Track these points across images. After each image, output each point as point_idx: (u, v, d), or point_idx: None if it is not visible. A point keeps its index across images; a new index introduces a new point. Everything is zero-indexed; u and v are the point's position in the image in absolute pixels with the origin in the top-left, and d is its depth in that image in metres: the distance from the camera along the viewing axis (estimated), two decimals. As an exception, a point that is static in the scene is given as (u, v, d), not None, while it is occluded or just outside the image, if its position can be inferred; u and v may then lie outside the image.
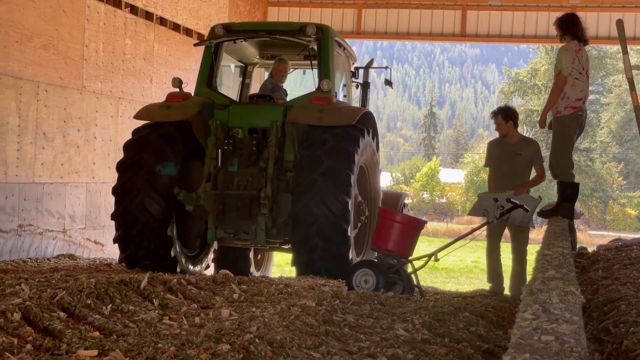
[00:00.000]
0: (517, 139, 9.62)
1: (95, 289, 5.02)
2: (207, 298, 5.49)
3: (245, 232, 9.62)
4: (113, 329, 4.23)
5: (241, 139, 9.82)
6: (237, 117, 9.95)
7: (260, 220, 9.51)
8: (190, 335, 4.07)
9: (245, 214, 9.57)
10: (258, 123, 9.89)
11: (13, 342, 3.69)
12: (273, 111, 9.92)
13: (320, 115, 9.43)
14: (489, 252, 9.76)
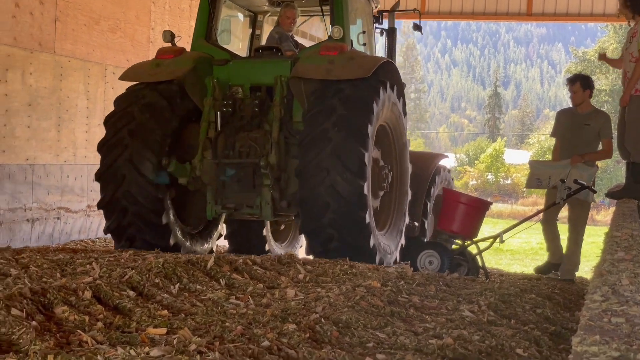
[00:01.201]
0: (589, 109, 9.12)
1: (163, 268, 5.10)
2: (272, 278, 5.53)
3: (249, 206, 8.49)
4: (181, 308, 4.29)
5: (242, 99, 8.65)
6: (237, 73, 8.78)
7: (265, 192, 8.35)
8: (257, 314, 4.10)
9: (248, 186, 8.48)
10: (261, 79, 8.71)
11: (84, 319, 3.77)
12: (278, 65, 8.69)
13: (329, 68, 8.20)
14: (546, 226, 9.07)
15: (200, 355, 3.02)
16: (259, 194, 8.40)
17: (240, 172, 8.44)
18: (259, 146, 8.43)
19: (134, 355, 3.06)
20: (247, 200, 8.46)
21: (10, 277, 4.77)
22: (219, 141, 8.50)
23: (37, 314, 3.77)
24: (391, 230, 9.00)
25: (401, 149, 9.31)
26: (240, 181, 8.45)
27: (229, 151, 8.48)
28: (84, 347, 3.31)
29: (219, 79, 8.67)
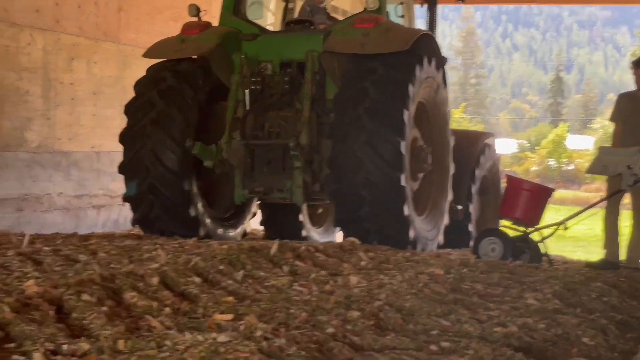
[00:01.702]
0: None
1: (227, 255, 5.16)
2: (335, 265, 5.56)
3: (279, 190, 7.98)
4: (246, 294, 4.34)
5: (272, 76, 8.14)
6: (267, 49, 8.26)
7: (296, 176, 7.82)
8: (321, 301, 4.13)
9: (278, 168, 7.98)
10: (292, 55, 8.17)
11: (153, 305, 3.84)
12: (309, 39, 8.15)
13: (363, 41, 7.63)
14: (608, 216, 8.91)
15: (266, 341, 3.05)
16: (289, 177, 7.91)
17: (270, 153, 8.01)
18: (289, 126, 8.00)
19: (201, 341, 3.11)
20: (277, 184, 7.99)
21: (79, 263, 4.87)
22: (247, 121, 8.05)
23: (107, 299, 3.85)
24: (432, 213, 8.57)
25: (441, 125, 8.77)
26: (270, 163, 8.02)
27: (257, 132, 8.07)
28: (153, 332, 3.37)
29: (247, 55, 8.17)
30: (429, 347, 3.42)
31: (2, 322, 3.31)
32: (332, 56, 7.82)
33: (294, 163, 7.76)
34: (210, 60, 8.06)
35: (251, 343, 2.97)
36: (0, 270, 4.44)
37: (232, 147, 7.93)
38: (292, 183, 7.87)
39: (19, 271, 4.41)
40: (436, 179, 8.64)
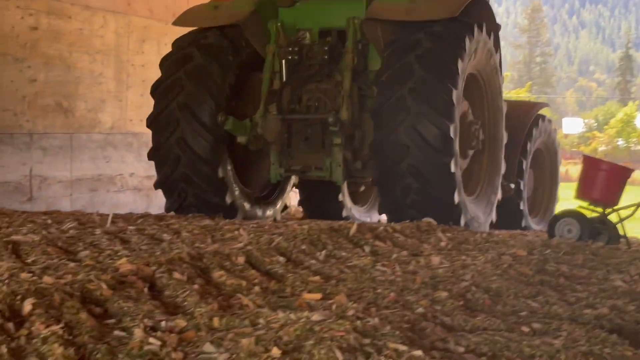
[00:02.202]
0: None
1: (308, 235, 5.20)
2: (414, 246, 5.56)
3: (318, 168, 7.56)
4: (330, 274, 4.36)
5: (310, 45, 7.66)
6: (305, 16, 7.78)
7: (335, 153, 7.36)
8: (406, 281, 4.14)
9: (316, 145, 7.51)
10: (332, 22, 7.68)
11: (241, 284, 3.89)
12: (351, 5, 7.64)
13: (409, 7, 7.08)
14: None
15: (359, 320, 3.07)
16: (328, 154, 7.46)
17: (308, 129, 7.53)
18: (329, 99, 7.55)
19: (294, 320, 3.14)
20: (315, 162, 7.57)
21: (164, 242, 4.95)
22: (283, 94, 7.61)
23: (197, 278, 3.91)
24: (484, 191, 8.12)
25: (494, 95, 8.21)
26: (308, 140, 7.54)
27: (294, 105, 7.61)
28: (246, 311, 3.41)
29: (283, 23, 7.71)
30: (520, 329, 3.40)
31: (100, 298, 3.39)
32: (376, 24, 7.30)
33: (333, 139, 7.35)
34: (244, 29, 7.66)
35: (345, 322, 2.98)
36: (91, 249, 4.54)
37: (268, 122, 7.52)
38: (332, 160, 7.44)
39: (109, 249, 4.50)
40: (488, 153, 8.18)
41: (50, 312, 3.11)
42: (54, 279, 3.56)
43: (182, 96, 7.49)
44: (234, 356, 2.71)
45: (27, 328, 2.95)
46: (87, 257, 4.28)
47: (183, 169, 7.50)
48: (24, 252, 4.42)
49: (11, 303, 3.12)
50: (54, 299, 3.21)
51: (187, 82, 7.52)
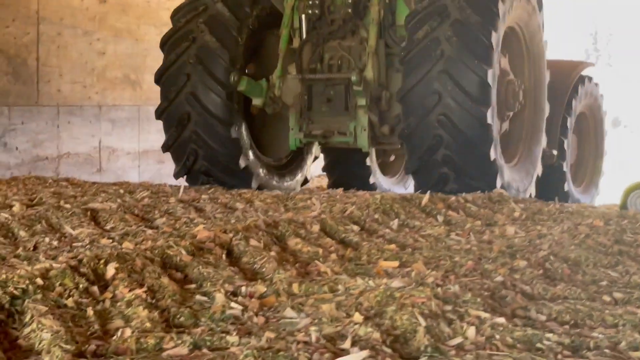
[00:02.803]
0: None
1: (381, 204, 5.18)
2: (488, 215, 5.50)
3: (341, 133, 6.97)
4: (405, 243, 4.34)
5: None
6: None
7: (360, 116, 6.83)
8: (483, 250, 4.10)
9: (339, 107, 6.92)
10: None
11: (318, 251, 3.90)
12: None
13: None
14: None
15: (439, 287, 3.05)
16: (353, 117, 6.89)
17: (330, 90, 6.93)
18: (353, 58, 6.97)
19: (373, 286, 3.14)
20: (338, 126, 6.96)
21: (238, 211, 4.98)
22: (303, 52, 7.03)
23: (273, 245, 3.93)
24: (523, 160, 7.51)
25: (536, 56, 7.58)
26: (330, 102, 6.94)
27: (315, 64, 7.04)
28: (324, 277, 3.42)
29: None
30: (602, 298, 3.34)
31: (179, 264, 3.43)
32: None
33: (357, 101, 6.78)
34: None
35: (426, 289, 2.96)
36: (167, 216, 4.60)
37: (286, 83, 7.02)
38: (356, 125, 6.88)
39: (185, 217, 4.55)
40: (528, 120, 7.55)
41: (133, 276, 3.16)
42: (133, 244, 3.61)
43: (194, 48, 6.94)
44: (315, 321, 2.71)
45: (111, 291, 3.00)
46: (164, 224, 4.34)
47: (193, 127, 6.94)
48: (102, 219, 4.49)
49: (94, 267, 3.18)
50: (135, 264, 3.26)
51: (199, 34, 6.97)
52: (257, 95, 6.98)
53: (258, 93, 6.97)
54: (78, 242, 3.84)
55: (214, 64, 6.91)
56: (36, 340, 2.46)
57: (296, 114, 7.05)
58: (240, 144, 7.07)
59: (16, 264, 3.28)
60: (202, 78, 6.90)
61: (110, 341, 2.48)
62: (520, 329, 2.68)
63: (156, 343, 2.43)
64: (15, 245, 3.74)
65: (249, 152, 7.20)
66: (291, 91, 7.04)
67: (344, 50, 7.00)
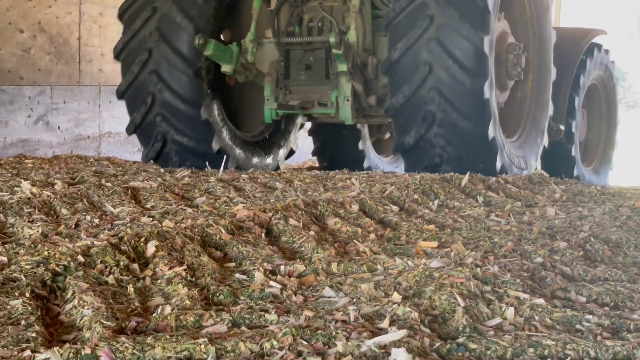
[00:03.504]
0: None
1: (420, 185, 5.16)
2: (528, 197, 5.46)
3: (322, 104, 6.32)
4: (444, 223, 4.33)
5: None
6: None
7: (343, 84, 6.14)
8: (523, 232, 4.07)
9: (320, 75, 6.30)
10: None
11: (357, 231, 3.90)
12: None
13: None
14: None
15: (479, 268, 3.03)
16: (335, 86, 6.23)
17: (310, 55, 6.29)
18: (336, 19, 6.30)
19: (412, 266, 3.13)
20: (319, 96, 6.30)
21: (277, 190, 5.00)
22: (281, 13, 6.38)
23: (312, 225, 3.94)
24: (527, 134, 6.89)
25: (540, 19, 6.87)
26: (310, 69, 6.31)
27: (294, 27, 6.37)
28: (363, 257, 3.42)
29: None
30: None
31: (219, 243, 3.45)
32: None
33: (338, 67, 6.07)
34: None
35: (465, 269, 2.95)
36: (207, 195, 4.62)
37: (261, 48, 6.39)
38: (339, 94, 6.21)
39: (225, 196, 4.57)
40: (533, 87, 6.91)
41: (173, 254, 3.18)
42: (174, 223, 3.63)
43: (155, 20, 6.27)
44: (354, 300, 2.72)
45: (152, 269, 3.03)
46: (204, 203, 4.36)
47: (159, 109, 6.35)
48: (143, 197, 4.53)
49: (135, 245, 3.21)
50: (175, 242, 3.29)
51: (161, 2, 6.29)
52: (226, 61, 6.27)
53: (227, 59, 6.27)
54: (119, 220, 3.88)
55: (178, 38, 6.27)
56: (77, 316, 2.49)
57: (272, 82, 6.40)
58: (211, 125, 6.48)
59: (58, 242, 3.32)
60: (165, 55, 6.30)
61: (150, 318, 2.51)
62: (560, 310, 2.66)
63: (195, 320, 2.45)
64: (57, 223, 3.79)
65: (223, 132, 6.59)
66: (266, 57, 6.41)
67: (325, 11, 6.31)
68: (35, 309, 2.48)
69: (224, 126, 6.65)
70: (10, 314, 2.42)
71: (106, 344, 2.15)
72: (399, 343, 2.19)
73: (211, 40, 6.13)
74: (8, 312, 2.42)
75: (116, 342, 2.17)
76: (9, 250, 3.13)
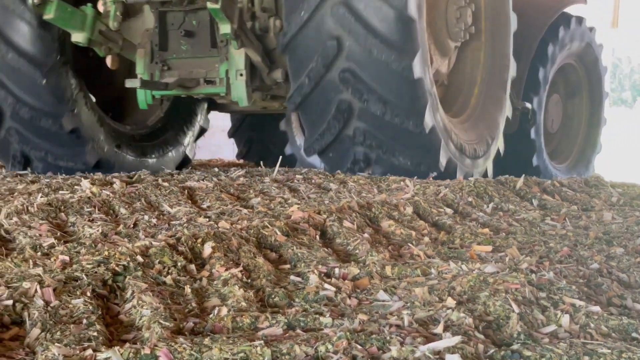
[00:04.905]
0: None
1: (474, 187, 5.15)
2: (584, 200, 5.41)
3: (209, 81, 5.17)
4: (499, 227, 4.31)
5: None
6: None
7: (234, 55, 5.00)
8: (579, 236, 4.04)
9: (204, 43, 5.16)
10: None
11: (411, 234, 3.91)
12: None
13: None
14: None
15: (534, 274, 3.02)
16: (224, 57, 5.10)
17: (192, 19, 5.16)
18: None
19: (467, 271, 3.13)
20: (205, 71, 5.17)
21: (331, 192, 5.02)
22: None
23: (366, 227, 3.96)
24: (481, 110, 5.72)
25: None
26: (193, 36, 5.16)
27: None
28: (417, 260, 3.43)
29: None
30: None
31: (274, 244, 3.49)
32: None
33: (221, 28, 4.75)
34: None
35: (519, 275, 2.94)
36: (262, 196, 4.67)
37: (127, 11, 5.20)
38: (229, 68, 5.06)
39: (280, 197, 4.61)
40: (486, 48, 5.72)
41: (229, 255, 3.23)
42: (229, 224, 3.68)
43: None
44: (408, 304, 2.73)
45: (208, 270, 3.08)
46: (259, 203, 4.41)
47: (10, 124, 5.24)
48: (199, 197, 4.59)
49: (192, 246, 3.26)
50: (231, 243, 3.33)
51: None
52: (76, 28, 4.99)
53: (78, 24, 4.99)
54: (176, 220, 3.94)
55: (11, 27, 5.13)
56: (137, 316, 2.55)
57: (145, 56, 5.18)
58: (66, 94, 5.20)
59: (117, 241, 3.38)
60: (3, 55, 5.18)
61: (206, 319, 2.55)
62: (616, 317, 2.64)
63: (251, 322, 2.49)
64: (117, 222, 3.86)
65: (83, 108, 5.30)
66: (136, 23, 5.22)
67: None
68: (96, 308, 2.54)
69: (99, 128, 5.50)
70: (72, 312, 2.48)
71: (165, 344, 2.19)
72: (453, 349, 2.20)
73: (52, 1, 4.80)
74: (70, 311, 2.48)
75: (174, 342, 2.22)
76: (71, 249, 3.20)
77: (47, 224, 3.67)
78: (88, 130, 5.34)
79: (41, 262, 2.98)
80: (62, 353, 2.15)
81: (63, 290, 2.63)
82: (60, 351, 2.15)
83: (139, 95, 5.23)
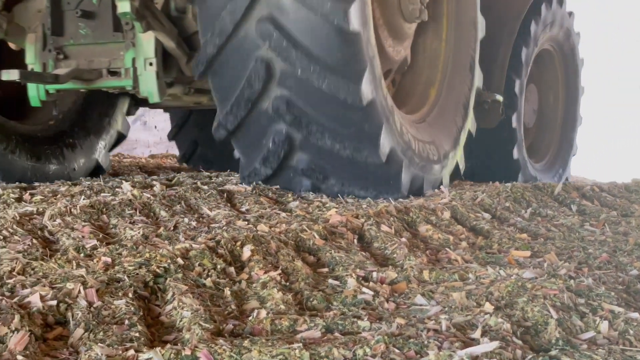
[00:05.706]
0: None
1: (511, 192, 5.14)
2: (624, 206, 5.37)
3: (113, 73, 4.46)
4: (537, 232, 4.30)
5: None
6: None
7: (142, 40, 4.32)
8: (618, 242, 4.02)
9: (106, 26, 4.42)
10: None
11: (448, 239, 3.92)
12: None
13: None
14: None
15: (572, 280, 3.02)
16: (131, 43, 4.38)
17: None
18: None
19: (504, 276, 3.13)
20: (107, 60, 4.43)
21: (368, 196, 5.03)
22: None
23: (404, 231, 3.97)
24: (443, 106, 5.10)
25: None
26: (92, 17, 4.39)
27: None
28: (454, 265, 3.44)
29: None
30: None
31: (312, 248, 3.52)
32: None
33: (119, 6, 4.03)
34: None
35: (558, 280, 2.94)
36: (300, 200, 4.70)
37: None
38: (137, 56, 4.34)
39: (317, 201, 4.64)
40: (448, 35, 5.00)
41: (268, 258, 3.26)
42: (268, 227, 3.72)
43: None
44: (446, 309, 2.74)
45: (247, 273, 3.11)
46: (297, 207, 4.43)
47: None
48: (238, 201, 4.63)
49: (231, 249, 3.30)
50: (270, 246, 3.36)
51: None
52: None
53: None
54: (215, 223, 3.98)
55: None
56: (177, 317, 2.58)
57: (36, 42, 4.42)
58: None
59: (158, 243, 3.43)
60: None
61: (246, 321, 2.58)
62: (656, 325, 2.63)
63: (290, 325, 2.51)
64: (157, 224, 3.91)
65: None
66: (27, 3, 4.50)
67: None
68: (138, 309, 2.58)
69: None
70: (114, 313, 2.52)
71: (205, 345, 2.22)
72: (491, 354, 2.21)
73: None
74: (112, 312, 2.53)
75: (214, 344, 2.25)
76: (113, 251, 3.26)
77: (90, 225, 3.73)
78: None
79: (84, 263, 3.03)
80: (105, 353, 2.19)
81: (105, 291, 2.68)
82: (103, 351, 2.20)
83: (29, 90, 4.50)
